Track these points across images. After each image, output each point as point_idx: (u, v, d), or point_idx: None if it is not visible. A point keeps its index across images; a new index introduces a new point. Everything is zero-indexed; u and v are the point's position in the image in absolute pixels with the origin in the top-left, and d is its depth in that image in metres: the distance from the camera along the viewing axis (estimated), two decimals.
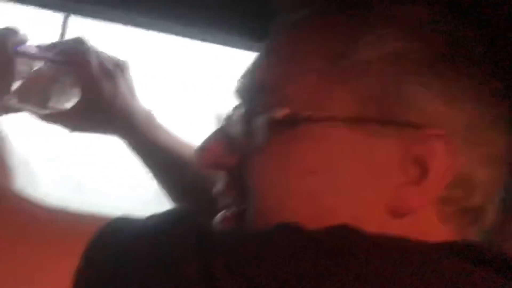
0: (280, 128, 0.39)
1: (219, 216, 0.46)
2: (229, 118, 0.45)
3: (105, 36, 0.73)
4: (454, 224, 0.39)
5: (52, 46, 0.64)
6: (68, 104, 0.65)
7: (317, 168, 0.38)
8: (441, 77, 0.38)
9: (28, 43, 0.62)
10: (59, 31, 0.69)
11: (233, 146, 0.43)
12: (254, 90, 0.42)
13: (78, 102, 0.65)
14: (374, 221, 0.38)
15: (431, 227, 0.39)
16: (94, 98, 0.64)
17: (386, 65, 0.38)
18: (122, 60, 0.68)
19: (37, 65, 0.62)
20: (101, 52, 0.66)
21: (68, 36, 0.69)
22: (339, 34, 0.40)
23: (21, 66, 0.61)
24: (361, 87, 0.38)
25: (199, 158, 0.45)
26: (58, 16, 0.71)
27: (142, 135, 0.71)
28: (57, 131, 0.67)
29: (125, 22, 0.74)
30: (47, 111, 0.64)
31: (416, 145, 0.37)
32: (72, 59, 0.63)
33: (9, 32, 0.60)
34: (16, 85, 0.61)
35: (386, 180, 0.38)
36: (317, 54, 0.40)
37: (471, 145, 0.38)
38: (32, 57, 0.62)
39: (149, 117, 0.72)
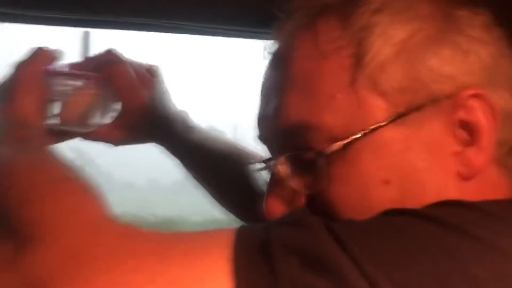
0: (337, 158, 0.40)
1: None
2: (272, 169, 0.45)
3: (125, 45, 0.72)
4: (509, 168, 0.42)
5: (85, 62, 0.62)
6: (110, 119, 0.64)
7: (387, 176, 0.39)
8: (448, 40, 0.40)
9: (59, 62, 0.61)
10: (78, 47, 0.68)
11: (292, 192, 0.43)
12: (289, 132, 0.42)
13: (119, 115, 0.64)
14: (454, 191, 0.40)
15: (497, 177, 0.42)
16: (134, 108, 0.63)
17: (400, 53, 0.40)
18: (154, 66, 0.67)
19: (74, 83, 0.60)
20: (133, 61, 0.65)
21: (92, 50, 0.67)
22: (345, 39, 0.41)
23: (57, 87, 0.60)
24: (387, 84, 0.40)
25: (268, 217, 0.44)
26: (69, 33, 0.70)
27: (182, 138, 0.70)
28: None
29: (140, 28, 0.74)
30: (91, 129, 0.62)
31: (456, 112, 0.40)
32: (109, 72, 0.61)
33: (40, 53, 0.58)
34: (56, 107, 0.60)
35: (447, 154, 0.40)
36: (335, 70, 0.41)
37: (499, 84, 0.41)
38: (67, 75, 0.60)
39: (185, 119, 0.71)
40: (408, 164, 0.40)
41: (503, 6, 0.43)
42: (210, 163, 0.73)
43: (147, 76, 0.65)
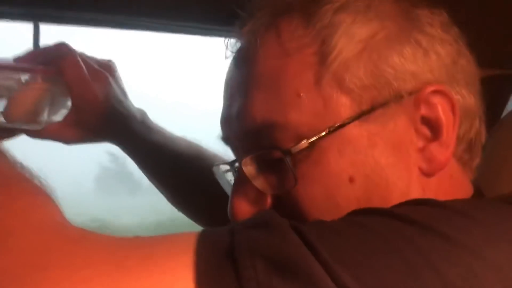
0: (303, 157, 0.40)
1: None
2: (236, 169, 0.45)
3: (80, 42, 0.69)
4: (467, 164, 0.44)
5: (33, 55, 0.59)
6: (60, 116, 0.61)
7: (352, 174, 0.39)
8: (410, 39, 0.41)
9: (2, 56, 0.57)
10: (27, 42, 0.64)
11: (258, 192, 0.42)
12: (255, 132, 0.42)
13: (71, 111, 0.60)
14: (418, 187, 0.41)
15: (457, 174, 0.43)
16: (87, 103, 0.60)
17: (363, 51, 0.40)
18: (108, 61, 0.64)
19: (20, 77, 0.57)
20: (86, 54, 0.62)
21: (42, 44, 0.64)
22: (309, 37, 0.41)
23: (1, 81, 0.56)
24: (351, 82, 0.40)
25: (233, 219, 0.43)
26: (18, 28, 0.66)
27: (140, 136, 0.67)
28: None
29: (94, 24, 0.71)
30: (40, 127, 0.59)
31: (418, 109, 0.40)
32: (58, 64, 0.58)
33: None
34: (0, 103, 0.56)
35: (411, 151, 0.40)
36: (299, 69, 0.41)
37: (458, 81, 0.42)
38: (11, 69, 0.57)
39: (143, 117, 0.69)
40: (373, 161, 0.40)
41: (459, 6, 0.44)
42: (172, 164, 0.71)
43: (100, 71, 0.62)
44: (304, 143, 0.39)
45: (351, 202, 0.39)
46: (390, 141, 0.40)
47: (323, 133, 0.39)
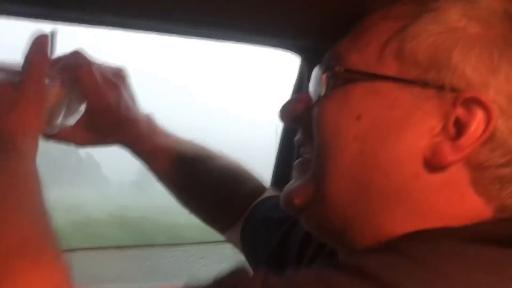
0: (340, 82, 0.46)
1: (285, 188, 0.49)
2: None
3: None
4: (493, 193, 0.42)
5: (51, 62, 0.63)
6: (74, 120, 0.65)
7: (362, 114, 0.44)
8: (487, 50, 0.41)
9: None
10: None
11: (307, 101, 0.50)
12: (331, 59, 0.48)
13: (84, 116, 0.64)
14: (408, 169, 0.42)
15: (462, 192, 0.42)
16: (99, 110, 0.64)
17: (434, 37, 0.42)
18: (120, 68, 0.68)
19: None
20: (99, 63, 0.65)
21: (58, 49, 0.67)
22: (409, 12, 0.45)
23: None
24: (410, 54, 0.43)
25: (280, 115, 0.52)
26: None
27: (147, 139, 0.71)
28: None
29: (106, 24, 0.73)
30: (55, 130, 0.62)
31: (457, 108, 0.41)
32: (75, 73, 0.62)
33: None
34: None
35: (425, 133, 0.42)
36: (381, 32, 0.46)
37: (511, 117, 0.41)
38: None
39: (150, 122, 0.72)
40: (386, 118, 0.43)
41: None
42: (181, 165, 0.74)
43: (112, 80, 0.65)
44: (343, 67, 0.45)
45: (349, 136, 0.44)
46: (412, 114, 0.42)
47: (362, 70, 0.44)
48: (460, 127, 0.41)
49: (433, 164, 0.41)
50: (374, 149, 0.43)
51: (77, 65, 0.62)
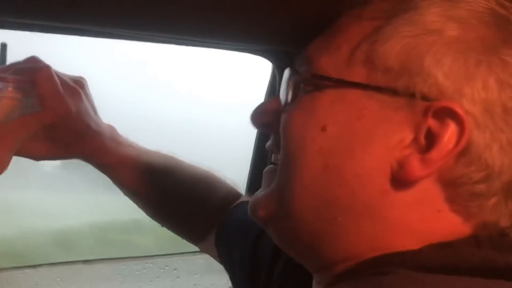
0: (307, 88, 0.43)
1: (253, 197, 0.47)
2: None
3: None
4: (472, 210, 0.39)
5: (5, 67, 0.58)
6: None
7: (327, 125, 0.41)
8: (463, 56, 0.38)
9: None
10: None
11: (278, 106, 0.47)
12: (300, 63, 0.46)
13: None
14: (375, 185, 0.39)
15: (437, 209, 0.39)
16: (60, 118, 0.59)
17: (407, 40, 0.39)
18: (80, 77, 0.64)
19: None
20: (58, 71, 0.61)
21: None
22: (377, 18, 0.41)
23: None
24: (381, 58, 0.39)
25: (251, 119, 0.49)
26: None
27: (110, 151, 0.67)
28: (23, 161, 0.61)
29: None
30: None
31: (429, 118, 0.38)
32: (31, 76, 0.57)
33: None
34: None
35: (394, 145, 0.38)
36: (353, 34, 0.42)
37: (487, 128, 0.38)
38: None
39: (113, 132, 0.69)
40: (351, 128, 0.40)
41: None
42: (146, 176, 0.71)
43: (73, 86, 0.61)
44: (310, 72, 0.43)
45: (314, 148, 0.41)
46: (380, 126, 0.39)
47: (330, 76, 0.41)
48: (431, 140, 0.38)
49: (400, 180, 0.38)
50: (339, 163, 0.40)
51: (34, 68, 0.57)
